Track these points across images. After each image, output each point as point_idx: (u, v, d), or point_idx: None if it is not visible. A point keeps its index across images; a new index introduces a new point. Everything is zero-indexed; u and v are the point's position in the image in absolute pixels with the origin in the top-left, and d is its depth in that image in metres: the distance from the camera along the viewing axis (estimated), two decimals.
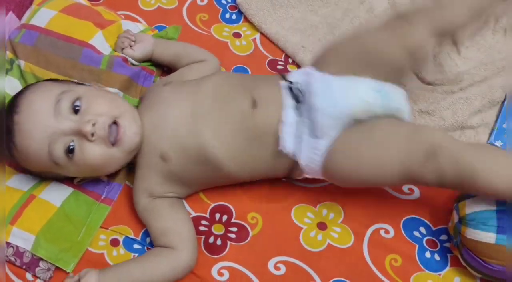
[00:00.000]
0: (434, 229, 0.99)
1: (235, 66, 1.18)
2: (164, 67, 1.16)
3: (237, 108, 0.92)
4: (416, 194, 1.02)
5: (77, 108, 0.88)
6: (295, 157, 0.92)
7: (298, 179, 1.01)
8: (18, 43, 1.07)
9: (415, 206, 1.00)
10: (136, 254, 0.94)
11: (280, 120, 0.91)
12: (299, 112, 0.91)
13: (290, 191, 1.02)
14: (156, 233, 0.92)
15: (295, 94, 0.92)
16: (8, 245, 0.89)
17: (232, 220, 0.98)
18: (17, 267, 0.90)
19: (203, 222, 0.97)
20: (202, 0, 1.29)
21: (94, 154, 0.88)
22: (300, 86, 0.93)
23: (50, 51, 1.05)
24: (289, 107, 0.92)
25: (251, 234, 0.97)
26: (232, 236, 0.96)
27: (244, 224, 0.98)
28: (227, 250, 0.94)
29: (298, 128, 0.91)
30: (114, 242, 0.95)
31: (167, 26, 1.22)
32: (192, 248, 0.90)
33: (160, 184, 0.93)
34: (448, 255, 0.95)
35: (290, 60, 1.21)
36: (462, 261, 0.91)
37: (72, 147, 0.87)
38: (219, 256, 0.94)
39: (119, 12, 1.22)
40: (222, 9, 1.29)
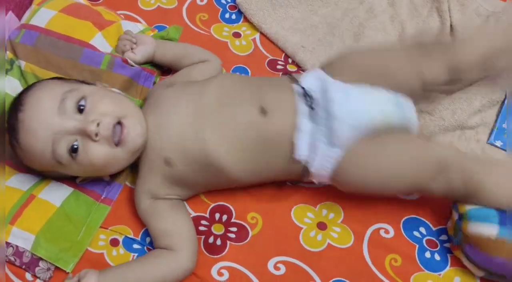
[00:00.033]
0: (434, 229, 0.99)
1: (235, 66, 1.18)
2: (164, 67, 1.15)
3: (244, 115, 0.92)
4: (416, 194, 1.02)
5: (81, 107, 0.87)
6: (307, 163, 0.92)
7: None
8: (18, 43, 1.07)
9: (415, 206, 1.00)
10: (136, 254, 0.94)
11: (294, 128, 0.91)
12: (314, 120, 0.91)
13: (290, 191, 1.02)
14: (156, 234, 0.92)
15: (309, 101, 0.92)
16: (8, 244, 0.89)
17: (232, 220, 0.98)
18: (16, 267, 0.90)
19: (203, 222, 0.97)
20: (201, 0, 1.29)
21: (97, 153, 0.87)
22: (315, 94, 0.93)
23: (50, 51, 1.05)
24: (303, 114, 0.91)
25: (251, 234, 0.96)
26: (232, 236, 0.96)
27: (244, 224, 0.97)
28: (227, 250, 0.94)
29: (313, 136, 0.91)
30: (114, 242, 0.95)
31: (167, 26, 1.22)
32: (192, 250, 0.90)
33: (162, 186, 0.93)
34: (448, 255, 0.95)
35: (290, 60, 1.21)
36: (464, 259, 0.91)
37: (75, 146, 0.87)
38: (219, 256, 0.94)
39: (118, 12, 1.22)
40: (221, 9, 1.29)
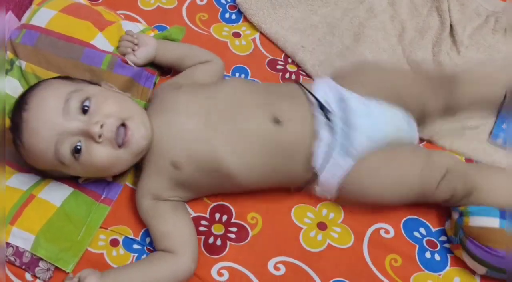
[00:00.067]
0: (434, 230, 0.99)
1: (234, 66, 1.18)
2: (163, 68, 1.15)
3: (256, 124, 0.92)
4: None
5: (86, 108, 0.87)
6: (318, 172, 0.93)
7: None
8: (19, 43, 1.07)
9: (415, 206, 1.00)
10: (136, 254, 0.94)
11: (310, 137, 0.92)
12: (331, 130, 0.93)
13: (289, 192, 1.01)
14: (158, 235, 0.91)
15: (325, 111, 0.93)
16: (8, 245, 0.89)
17: (232, 220, 0.98)
18: (16, 267, 0.90)
19: (203, 222, 0.97)
20: (201, 0, 1.29)
21: (100, 155, 0.87)
22: (331, 105, 0.94)
23: (50, 51, 1.05)
24: (321, 124, 0.93)
25: (251, 234, 0.96)
26: (232, 236, 0.96)
27: (244, 224, 0.97)
28: (226, 250, 0.94)
29: (329, 145, 0.92)
30: (114, 242, 0.95)
31: (166, 26, 1.22)
32: (193, 253, 0.90)
33: (167, 188, 0.93)
34: (448, 255, 0.95)
35: (290, 60, 1.21)
36: (465, 257, 0.91)
37: (78, 147, 0.87)
38: (219, 256, 0.94)
39: (118, 12, 1.22)
40: (221, 8, 1.28)
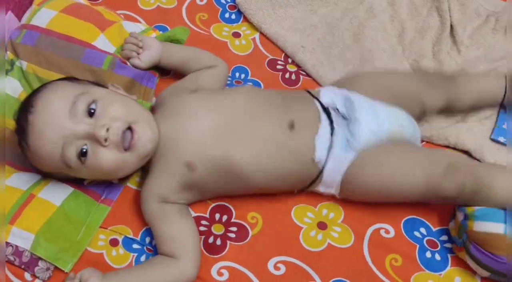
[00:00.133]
0: (434, 229, 0.98)
1: (234, 66, 1.18)
2: (163, 69, 1.14)
3: (272, 128, 0.93)
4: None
5: (92, 111, 0.87)
6: (322, 166, 0.94)
7: None
8: (19, 43, 1.06)
9: (415, 207, 1.00)
10: (136, 254, 0.93)
11: (314, 135, 0.93)
12: (335, 124, 0.95)
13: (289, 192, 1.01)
14: (162, 238, 0.91)
15: (330, 114, 0.96)
16: (7, 244, 0.89)
17: (232, 220, 0.98)
18: (16, 266, 0.89)
19: (203, 222, 0.97)
20: (201, 0, 1.29)
21: (107, 159, 0.87)
22: (337, 105, 0.97)
23: (51, 51, 1.05)
24: (324, 120, 0.95)
25: (251, 233, 0.96)
26: (232, 235, 0.96)
27: (244, 224, 0.97)
28: (226, 250, 0.94)
29: (332, 138, 0.94)
30: (114, 242, 0.94)
31: (166, 26, 1.22)
32: (195, 257, 0.89)
33: (175, 190, 0.93)
34: (449, 255, 0.95)
35: (290, 60, 1.21)
36: (469, 260, 0.91)
37: (84, 150, 0.86)
38: (219, 256, 0.93)
39: (118, 12, 1.22)
40: (221, 8, 1.28)
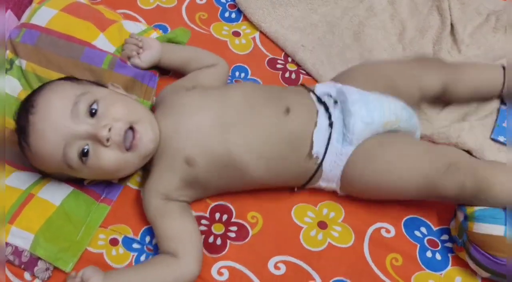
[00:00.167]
0: (435, 229, 0.98)
1: (234, 65, 1.18)
2: (163, 68, 1.14)
3: (269, 116, 0.94)
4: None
5: (93, 111, 0.87)
6: (321, 160, 0.94)
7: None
8: (19, 42, 1.06)
9: (416, 206, 1.00)
10: (136, 253, 0.93)
11: (312, 126, 0.93)
12: (330, 118, 0.94)
13: (291, 192, 1.01)
14: (164, 236, 0.90)
15: (324, 103, 0.96)
16: (7, 244, 0.89)
17: (232, 220, 0.97)
18: (15, 266, 0.89)
19: (203, 221, 0.97)
20: None
21: (108, 159, 0.87)
22: (328, 98, 0.97)
23: (51, 50, 1.05)
24: (321, 113, 0.95)
25: (251, 233, 0.96)
26: (232, 235, 0.96)
27: (244, 224, 0.97)
28: (227, 249, 0.94)
29: (328, 133, 0.94)
30: (113, 242, 0.94)
31: (166, 25, 1.22)
32: (197, 256, 0.89)
33: (177, 187, 0.93)
34: (450, 255, 0.95)
35: (290, 59, 1.21)
36: (469, 261, 0.90)
37: (86, 150, 0.86)
38: (219, 255, 0.93)
39: (118, 11, 1.21)
40: (221, 7, 1.28)
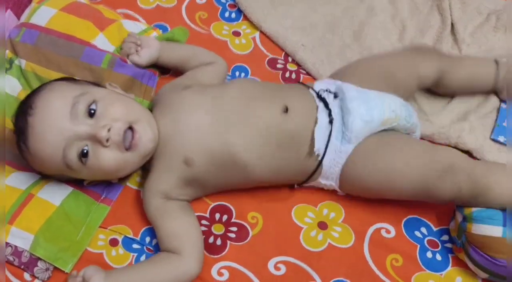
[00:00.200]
0: (435, 229, 0.98)
1: (234, 65, 1.17)
2: (162, 67, 1.14)
3: (267, 113, 0.93)
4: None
5: (92, 111, 0.86)
6: (321, 158, 0.94)
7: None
8: (18, 42, 1.06)
9: (416, 206, 0.99)
10: (136, 254, 0.93)
11: (312, 123, 0.93)
12: (330, 116, 0.94)
13: (290, 190, 1.01)
14: (165, 235, 0.90)
15: (324, 98, 0.96)
16: (7, 244, 0.89)
17: (232, 220, 0.97)
18: (15, 266, 0.89)
19: (203, 221, 0.97)
20: None
21: (108, 159, 0.87)
22: (327, 94, 0.97)
23: (50, 49, 1.05)
24: (321, 109, 0.94)
25: (251, 233, 0.96)
26: (232, 235, 0.96)
27: (244, 224, 0.97)
28: (227, 250, 0.94)
29: (329, 131, 0.93)
30: (113, 242, 0.94)
31: (166, 25, 1.22)
32: (199, 254, 0.89)
33: (176, 186, 0.92)
34: (450, 255, 0.95)
35: (290, 59, 1.21)
36: (468, 262, 0.91)
37: (85, 151, 0.86)
38: (219, 256, 0.93)
39: (118, 11, 1.21)
40: (221, 7, 1.28)
